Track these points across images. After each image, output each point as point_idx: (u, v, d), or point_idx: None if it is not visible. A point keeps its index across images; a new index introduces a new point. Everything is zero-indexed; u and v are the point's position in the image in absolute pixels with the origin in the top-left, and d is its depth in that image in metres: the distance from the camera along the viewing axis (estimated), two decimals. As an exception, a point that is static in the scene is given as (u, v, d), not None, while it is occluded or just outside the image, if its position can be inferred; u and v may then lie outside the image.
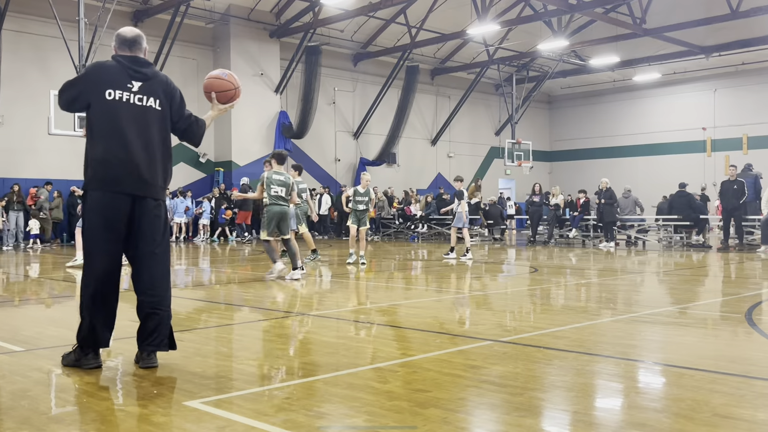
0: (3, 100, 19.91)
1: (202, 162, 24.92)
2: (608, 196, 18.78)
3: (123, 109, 4.24)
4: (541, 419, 3.43)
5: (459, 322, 6.51)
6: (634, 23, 24.52)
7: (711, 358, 4.88)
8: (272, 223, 9.89)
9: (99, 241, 4.24)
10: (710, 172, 31.65)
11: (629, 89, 34.64)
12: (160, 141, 4.37)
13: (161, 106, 4.38)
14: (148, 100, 4.32)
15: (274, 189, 9.90)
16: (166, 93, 4.41)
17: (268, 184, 9.91)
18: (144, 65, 4.38)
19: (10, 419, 3.38)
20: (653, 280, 10.86)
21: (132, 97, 4.28)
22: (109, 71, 4.30)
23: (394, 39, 28.28)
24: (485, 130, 34.95)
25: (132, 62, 4.34)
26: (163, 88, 4.41)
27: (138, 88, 4.31)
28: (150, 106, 4.33)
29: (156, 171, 4.33)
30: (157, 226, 4.36)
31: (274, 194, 9.89)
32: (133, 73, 4.31)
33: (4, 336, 5.83)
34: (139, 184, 4.25)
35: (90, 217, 4.26)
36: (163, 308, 4.36)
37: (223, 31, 24.91)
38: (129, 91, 4.28)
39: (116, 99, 4.24)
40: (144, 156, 4.26)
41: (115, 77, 4.27)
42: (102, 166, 4.22)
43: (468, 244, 14.21)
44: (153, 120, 4.33)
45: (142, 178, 4.25)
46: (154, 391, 3.86)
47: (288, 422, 3.28)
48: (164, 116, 4.40)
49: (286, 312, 7.16)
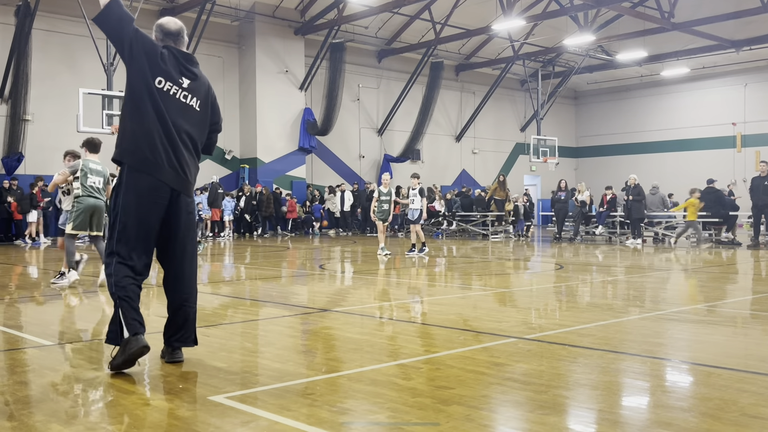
0: (33, 98, 20.25)
1: (228, 159, 25.11)
2: (636, 192, 18.56)
3: (171, 101, 4.22)
4: (566, 417, 3.40)
5: (483, 319, 6.48)
6: (662, 17, 24.19)
7: (740, 356, 4.80)
8: (82, 216, 8.62)
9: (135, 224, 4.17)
10: (740, 168, 31.14)
11: (657, 84, 34.20)
12: (197, 140, 4.40)
13: (200, 108, 4.39)
14: (192, 98, 4.33)
15: (91, 179, 8.70)
16: (206, 96, 4.43)
17: (85, 174, 8.65)
18: (194, 64, 4.39)
19: (39, 412, 3.44)
20: (681, 277, 10.72)
21: (179, 93, 4.26)
22: (164, 59, 4.24)
23: (419, 35, 28.21)
24: (510, 126, 34.74)
25: (185, 59, 4.34)
26: (206, 91, 4.43)
27: (187, 86, 4.30)
28: (192, 106, 4.34)
29: (192, 169, 4.36)
30: (190, 223, 4.39)
31: (90, 185, 8.67)
32: (184, 70, 4.31)
33: (34, 330, 5.93)
34: (178, 180, 4.24)
35: (129, 196, 4.16)
36: (191, 304, 4.41)
37: (248, 29, 25.05)
38: (180, 86, 4.27)
39: (165, 90, 4.20)
40: (185, 153, 4.28)
41: (168, 68, 4.23)
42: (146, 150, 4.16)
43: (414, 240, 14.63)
44: (194, 119, 4.35)
45: (181, 175, 4.25)
46: (180, 386, 3.90)
47: (311, 418, 3.30)
48: (203, 118, 4.42)
49: (310, 308, 7.19)
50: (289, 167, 25.71)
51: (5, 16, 20.27)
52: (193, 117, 4.35)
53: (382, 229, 14.23)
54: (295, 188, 25.65)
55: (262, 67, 24.89)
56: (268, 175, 24.98)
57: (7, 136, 20.19)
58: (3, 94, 20.34)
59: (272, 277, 10.42)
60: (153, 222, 4.22)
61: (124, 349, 4.08)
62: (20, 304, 7.65)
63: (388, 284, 9.65)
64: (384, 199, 14.16)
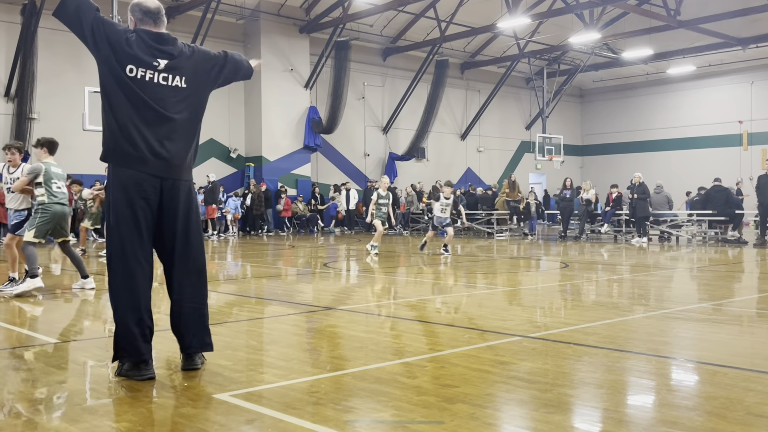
0: (39, 96, 20.31)
1: (233, 157, 25.14)
2: (641, 190, 18.51)
3: (148, 88, 3.98)
4: (570, 416, 3.40)
5: (488, 317, 6.48)
6: (668, 15, 24.11)
7: (746, 355, 4.79)
8: (50, 225, 7.94)
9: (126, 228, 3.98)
10: (746, 167, 31.03)
11: (663, 82, 34.10)
12: (187, 120, 4.14)
13: (188, 83, 4.13)
14: (174, 79, 4.07)
15: (56, 184, 8.01)
16: (194, 69, 4.17)
17: (48, 179, 7.92)
18: (168, 42, 4.09)
19: (46, 410, 3.45)
20: (686, 276, 10.69)
21: (156, 76, 4.01)
22: (131, 44, 3.97)
23: (424, 33, 28.19)
24: (515, 125, 34.69)
25: (157, 40, 4.05)
26: (193, 65, 4.16)
27: (164, 67, 4.04)
28: (176, 86, 4.08)
29: (184, 152, 4.14)
30: (190, 209, 4.17)
31: (57, 190, 7.98)
32: (156, 51, 4.03)
33: (41, 328, 5.95)
34: (167, 167, 4.04)
35: (116, 194, 3.98)
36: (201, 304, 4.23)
37: (253, 27, 25.07)
38: (155, 69, 4.01)
39: (138, 78, 3.96)
40: (174, 137, 4.06)
41: (136, 53, 3.97)
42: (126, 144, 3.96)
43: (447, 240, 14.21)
44: (180, 98, 4.09)
45: (170, 161, 4.04)
46: (185, 384, 3.91)
47: (316, 416, 3.30)
48: (193, 92, 4.16)
49: (316, 306, 7.20)
50: (294, 165, 25.74)
51: (11, 14, 20.34)
52: (179, 95, 4.09)
53: (381, 230, 14.15)
54: (300, 186, 25.68)
55: (267, 66, 24.90)
56: (273, 173, 25.01)
57: (13, 134, 20.25)
58: (9, 92, 20.42)
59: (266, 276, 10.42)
60: (145, 216, 3.99)
61: (128, 371, 3.98)
62: (24, 302, 7.68)
63: (392, 282, 9.65)
64: (382, 203, 14.22)
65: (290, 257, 14.38)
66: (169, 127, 4.06)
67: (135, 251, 3.99)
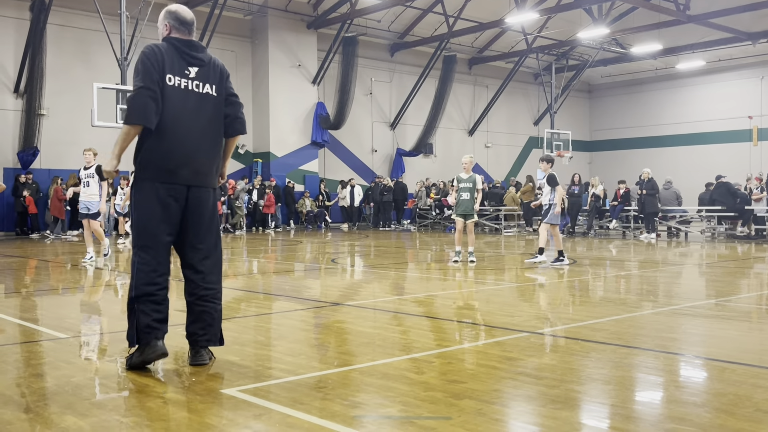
0: (48, 92, 20.37)
1: (241, 153, 25.18)
2: (650, 186, 18.45)
3: (182, 97, 4.08)
4: (578, 412, 3.39)
5: (496, 313, 6.47)
6: (678, 10, 23.96)
7: (755, 352, 4.77)
8: None
9: (153, 232, 4.08)
10: (756, 162, 30.84)
11: (672, 77, 33.90)
12: (217, 128, 4.25)
13: (217, 93, 4.24)
14: (204, 86, 4.18)
15: None
16: (218, 79, 4.26)
17: None
18: (200, 50, 4.22)
19: (54, 404, 3.47)
20: (695, 272, 10.65)
21: (190, 84, 4.12)
22: (168, 55, 4.08)
23: (432, 29, 28.12)
24: (524, 120, 34.58)
25: (188, 47, 4.17)
26: (217, 74, 4.26)
27: (195, 74, 4.15)
28: (207, 93, 4.19)
29: (212, 160, 4.23)
30: (211, 215, 4.26)
31: None
32: (190, 59, 4.15)
33: (50, 323, 5.99)
34: (196, 175, 4.12)
35: (143, 207, 4.07)
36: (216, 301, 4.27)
37: (261, 23, 25.08)
38: (187, 77, 4.11)
39: (175, 86, 4.06)
40: (202, 146, 4.15)
41: (174, 62, 4.08)
42: (160, 157, 4.04)
43: (559, 245, 11.17)
44: (210, 107, 4.20)
45: (200, 169, 4.13)
46: (193, 379, 3.92)
47: (323, 411, 3.31)
48: (220, 102, 4.26)
49: (323, 302, 7.21)
50: (302, 161, 25.75)
51: (20, 11, 20.41)
52: (210, 104, 4.20)
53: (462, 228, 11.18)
54: (308, 182, 25.70)
55: (274, 62, 24.92)
56: (281, 169, 25.03)
57: (22, 130, 20.34)
58: (18, 88, 20.50)
59: (284, 271, 10.44)
60: (168, 220, 4.10)
61: (141, 351, 4.05)
62: (36, 297, 7.73)
63: (400, 278, 9.65)
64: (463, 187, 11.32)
65: (298, 253, 14.39)
66: (202, 136, 4.16)
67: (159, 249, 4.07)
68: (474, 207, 11.16)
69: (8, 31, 20.44)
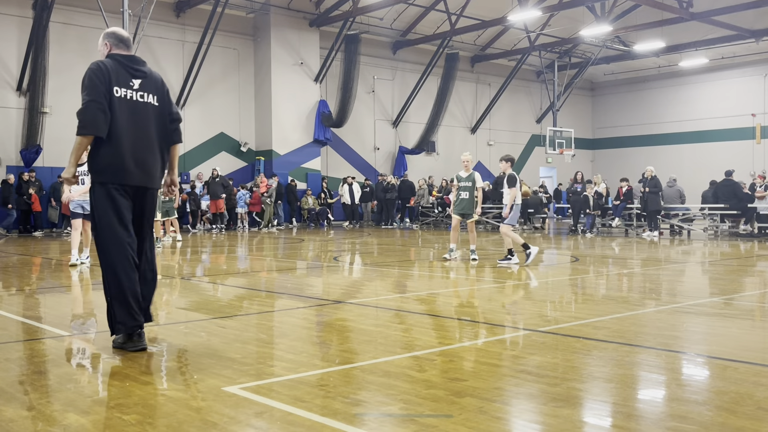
0: (51, 90, 20.41)
1: (243, 151, 25.19)
2: (653, 184, 18.41)
3: (129, 106, 4.50)
4: (579, 410, 3.39)
5: (498, 311, 6.47)
6: (681, 7, 23.91)
7: (757, 350, 4.77)
8: None
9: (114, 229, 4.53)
10: (759, 160, 30.78)
11: (675, 75, 33.85)
12: (161, 134, 4.67)
13: (159, 102, 4.68)
14: (147, 96, 4.61)
15: None
16: (159, 90, 4.70)
17: None
18: (141, 63, 4.68)
19: (56, 401, 3.48)
20: (698, 270, 10.64)
21: (134, 95, 4.56)
22: (113, 69, 4.51)
23: (434, 26, 28.09)
24: (526, 118, 34.55)
25: (130, 61, 4.62)
26: (157, 86, 4.70)
27: (139, 86, 4.58)
28: (150, 102, 4.62)
29: (158, 163, 4.67)
30: (152, 211, 4.80)
31: None
32: (133, 72, 4.59)
33: (52, 321, 6.00)
34: (145, 176, 4.57)
35: (102, 207, 4.50)
36: None
37: (263, 21, 25.07)
38: (131, 89, 4.55)
39: (122, 97, 4.48)
40: (150, 149, 4.59)
41: (119, 75, 4.52)
42: (112, 161, 4.46)
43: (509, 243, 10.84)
44: (153, 115, 4.63)
45: (149, 171, 4.58)
46: (195, 376, 3.93)
47: (325, 409, 3.31)
48: (161, 111, 4.69)
49: (325, 300, 7.21)
50: (304, 159, 25.76)
51: (23, 9, 20.44)
52: (152, 112, 4.62)
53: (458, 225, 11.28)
54: (310, 180, 25.70)
55: (277, 59, 24.92)
56: (284, 167, 25.03)
57: (25, 128, 20.38)
58: (21, 86, 20.53)
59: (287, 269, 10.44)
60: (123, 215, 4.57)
61: (123, 343, 4.53)
62: (38, 294, 7.74)
63: (402, 276, 9.65)
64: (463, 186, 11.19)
65: (300, 251, 14.40)
66: (147, 142, 4.62)
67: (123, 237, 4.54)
68: (476, 209, 11.17)
69: (11, 29, 20.47)
